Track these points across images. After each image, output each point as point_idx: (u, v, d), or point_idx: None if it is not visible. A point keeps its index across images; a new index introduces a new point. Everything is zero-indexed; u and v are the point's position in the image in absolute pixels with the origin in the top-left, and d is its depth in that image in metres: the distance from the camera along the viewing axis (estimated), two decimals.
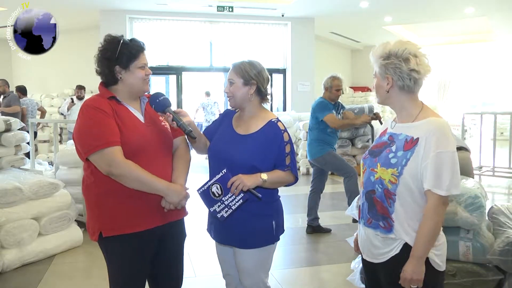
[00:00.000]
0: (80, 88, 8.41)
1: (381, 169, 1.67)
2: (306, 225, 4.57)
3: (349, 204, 4.33)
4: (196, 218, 4.71)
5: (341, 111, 4.55)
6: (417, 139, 1.62)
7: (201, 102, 10.71)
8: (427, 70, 1.67)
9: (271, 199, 2.06)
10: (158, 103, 1.91)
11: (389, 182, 1.64)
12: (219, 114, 2.25)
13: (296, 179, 2.08)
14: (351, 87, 15.94)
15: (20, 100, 7.74)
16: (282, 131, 2.02)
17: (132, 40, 1.93)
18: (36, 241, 3.76)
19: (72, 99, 8.35)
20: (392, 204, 1.64)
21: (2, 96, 7.71)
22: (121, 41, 1.87)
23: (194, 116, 10.55)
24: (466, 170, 2.88)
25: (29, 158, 5.07)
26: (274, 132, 2.01)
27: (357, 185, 4.30)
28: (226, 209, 1.90)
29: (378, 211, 1.68)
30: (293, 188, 2.11)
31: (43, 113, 8.76)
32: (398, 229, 1.65)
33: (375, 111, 4.68)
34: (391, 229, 1.66)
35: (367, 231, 1.75)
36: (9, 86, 7.93)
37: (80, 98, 8.26)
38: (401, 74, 1.65)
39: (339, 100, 4.60)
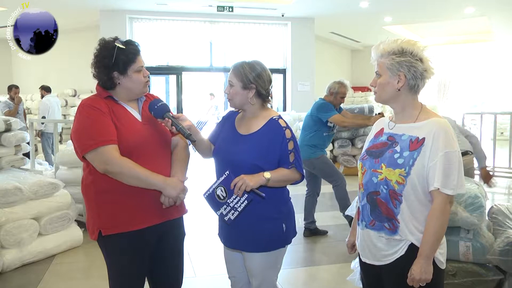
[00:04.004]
0: (45, 90, 8.45)
1: (387, 169, 1.65)
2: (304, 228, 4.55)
3: (341, 210, 4.35)
4: (196, 218, 4.73)
5: (340, 112, 4.52)
6: (423, 139, 1.61)
7: (215, 104, 13.69)
8: (432, 73, 1.67)
9: (281, 201, 2.03)
10: (156, 110, 1.91)
11: (396, 182, 1.62)
12: (222, 117, 2.23)
13: (302, 177, 2.04)
14: (351, 87, 15.89)
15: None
16: (284, 128, 1.97)
17: (127, 43, 1.90)
18: (36, 241, 3.76)
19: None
20: (398, 205, 1.63)
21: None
22: (116, 47, 1.85)
23: (211, 111, 13.63)
24: (470, 174, 2.89)
25: (29, 158, 5.07)
26: (275, 129, 1.97)
27: (346, 191, 4.31)
28: (233, 211, 1.88)
29: (383, 213, 1.67)
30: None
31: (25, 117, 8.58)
32: (403, 229, 1.64)
33: (380, 111, 4.63)
34: (396, 230, 1.65)
35: (370, 233, 1.73)
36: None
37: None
38: (415, 73, 1.63)
39: None
